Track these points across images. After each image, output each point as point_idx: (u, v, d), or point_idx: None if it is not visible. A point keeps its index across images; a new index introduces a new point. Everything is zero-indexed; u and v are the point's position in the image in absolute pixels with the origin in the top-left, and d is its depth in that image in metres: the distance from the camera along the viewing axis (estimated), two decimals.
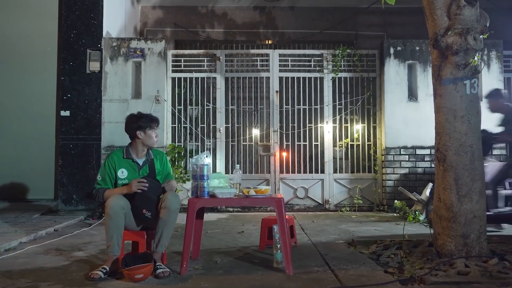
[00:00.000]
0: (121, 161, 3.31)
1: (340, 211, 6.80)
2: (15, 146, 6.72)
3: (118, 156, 3.33)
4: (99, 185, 3.28)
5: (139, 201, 3.15)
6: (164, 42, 6.94)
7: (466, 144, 3.26)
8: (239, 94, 7.37)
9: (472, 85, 3.29)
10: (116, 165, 3.28)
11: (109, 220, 3.03)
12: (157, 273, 3.00)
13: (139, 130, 3.29)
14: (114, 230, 3.04)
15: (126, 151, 3.34)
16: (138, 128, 3.29)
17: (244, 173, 6.81)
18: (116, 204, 3.04)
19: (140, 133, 3.30)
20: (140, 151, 3.35)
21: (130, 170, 3.30)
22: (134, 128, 3.30)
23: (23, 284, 2.85)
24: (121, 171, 3.28)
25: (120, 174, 3.28)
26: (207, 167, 3.18)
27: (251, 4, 8.68)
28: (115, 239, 3.05)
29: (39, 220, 5.46)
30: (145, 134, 3.31)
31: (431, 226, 3.58)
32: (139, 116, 3.35)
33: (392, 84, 6.90)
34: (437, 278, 2.79)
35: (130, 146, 3.37)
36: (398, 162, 6.83)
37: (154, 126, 3.35)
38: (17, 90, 6.83)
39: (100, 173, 3.30)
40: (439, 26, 3.34)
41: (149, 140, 3.33)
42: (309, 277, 2.98)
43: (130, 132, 3.34)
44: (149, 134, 3.32)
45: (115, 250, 3.05)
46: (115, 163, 3.29)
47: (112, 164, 3.29)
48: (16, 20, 6.89)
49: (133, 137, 3.34)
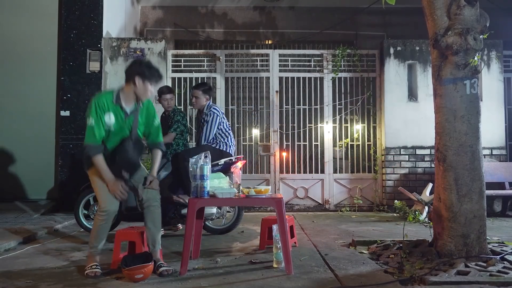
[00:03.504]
0: (111, 105, 3.11)
1: (340, 211, 6.80)
2: (15, 146, 6.72)
3: (108, 99, 3.12)
4: (92, 137, 3.05)
5: (121, 163, 3.12)
6: (164, 42, 6.94)
7: (466, 144, 3.26)
8: (239, 94, 7.37)
9: (472, 85, 3.29)
10: (105, 108, 3.09)
11: (105, 223, 3.13)
12: (160, 271, 3.01)
13: (140, 76, 3.10)
14: (105, 232, 3.16)
15: (117, 96, 3.14)
16: (139, 74, 3.11)
17: (244, 173, 6.80)
18: (113, 211, 3.13)
19: (139, 80, 3.11)
20: (130, 99, 3.16)
21: (117, 118, 3.12)
22: (136, 72, 3.12)
23: (23, 284, 2.85)
24: (108, 116, 3.09)
25: (107, 118, 3.09)
26: (207, 167, 3.18)
27: (251, 4, 8.68)
28: (104, 241, 3.19)
29: (39, 220, 5.46)
30: (143, 84, 3.12)
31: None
32: (147, 65, 3.17)
33: (392, 84, 6.90)
34: (437, 278, 2.79)
35: (121, 91, 3.17)
36: (398, 162, 6.83)
37: (154, 81, 3.18)
38: (17, 90, 6.82)
39: (92, 115, 3.05)
40: (439, 26, 3.34)
41: (143, 91, 3.14)
42: (309, 277, 2.98)
43: (129, 74, 3.14)
44: (146, 86, 3.13)
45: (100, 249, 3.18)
46: (104, 105, 3.09)
47: (102, 106, 3.08)
48: (16, 20, 6.89)
49: (129, 81, 3.14)
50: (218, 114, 4.68)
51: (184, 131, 4.85)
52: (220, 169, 4.39)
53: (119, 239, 3.31)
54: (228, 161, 4.56)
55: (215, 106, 4.77)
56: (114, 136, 3.16)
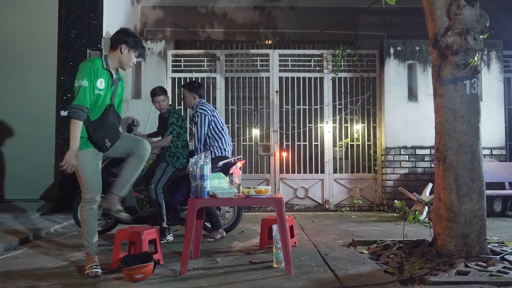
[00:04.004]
0: (102, 70, 3.12)
1: (340, 211, 6.80)
2: (15, 146, 6.71)
3: (98, 64, 3.11)
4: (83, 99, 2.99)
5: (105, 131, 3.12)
6: (164, 42, 6.94)
7: (466, 144, 3.26)
8: (239, 94, 7.37)
9: (472, 85, 3.29)
10: (98, 73, 3.08)
11: (92, 211, 3.15)
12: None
13: (126, 44, 3.15)
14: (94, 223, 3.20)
15: (106, 61, 3.16)
16: (125, 42, 3.15)
17: (244, 173, 6.80)
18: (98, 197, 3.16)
19: (125, 49, 3.16)
20: (114, 67, 3.20)
21: (106, 84, 3.12)
22: (122, 40, 3.16)
23: (23, 284, 2.85)
24: (100, 81, 3.08)
25: (99, 84, 3.08)
26: (207, 167, 3.18)
27: (251, 4, 8.68)
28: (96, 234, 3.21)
29: (39, 220, 5.46)
30: (128, 52, 3.17)
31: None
32: (133, 35, 3.22)
33: (392, 84, 6.90)
34: (437, 278, 2.79)
35: (108, 57, 3.20)
36: (398, 162, 6.83)
37: (138, 52, 3.24)
38: (17, 90, 6.82)
39: (86, 77, 3.01)
40: (439, 26, 3.34)
41: (127, 60, 3.19)
42: (309, 277, 2.98)
43: (115, 42, 3.18)
44: (130, 55, 3.19)
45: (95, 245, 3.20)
46: (98, 70, 3.08)
47: (96, 70, 3.06)
48: (16, 20, 6.88)
49: (115, 49, 3.18)
50: (206, 114, 4.51)
51: (180, 132, 4.66)
52: (219, 171, 4.38)
53: (119, 239, 3.31)
54: (227, 163, 4.54)
55: (202, 106, 4.57)
56: (98, 106, 3.12)
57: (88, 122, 3.06)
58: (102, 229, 4.74)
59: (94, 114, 3.10)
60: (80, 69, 3.06)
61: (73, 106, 2.98)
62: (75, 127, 2.98)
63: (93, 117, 3.10)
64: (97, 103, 3.10)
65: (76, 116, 2.97)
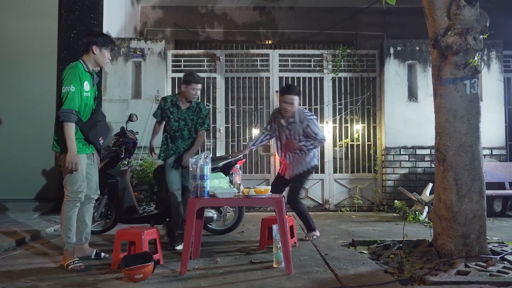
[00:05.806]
0: (85, 73, 3.34)
1: (340, 211, 6.80)
2: (15, 146, 6.71)
3: (81, 68, 3.33)
4: (72, 103, 3.21)
5: (99, 130, 3.37)
6: (164, 42, 6.94)
7: (466, 144, 3.26)
8: (239, 94, 7.37)
9: (472, 85, 3.29)
10: (82, 77, 3.30)
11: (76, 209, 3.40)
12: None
13: (96, 45, 3.34)
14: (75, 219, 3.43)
15: (85, 64, 3.37)
16: (95, 43, 3.34)
17: (244, 173, 6.80)
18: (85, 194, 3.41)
19: (97, 49, 3.35)
20: (91, 67, 3.41)
21: (90, 85, 3.37)
22: (91, 42, 3.35)
23: (23, 284, 2.85)
24: (86, 84, 3.32)
25: (85, 86, 3.31)
26: (207, 167, 3.18)
27: (251, 4, 8.68)
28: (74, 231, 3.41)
29: (39, 220, 5.46)
30: (100, 52, 3.38)
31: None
32: (100, 34, 3.44)
33: (392, 84, 6.90)
34: (437, 278, 2.79)
35: (85, 61, 3.39)
36: (398, 162, 6.83)
37: (109, 47, 3.43)
38: (17, 90, 6.81)
39: (73, 83, 3.23)
40: (439, 26, 3.34)
41: (101, 58, 3.40)
42: (309, 277, 2.98)
43: (85, 45, 3.38)
44: (103, 53, 3.40)
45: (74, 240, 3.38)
46: (82, 74, 3.31)
47: (80, 75, 3.29)
48: (16, 20, 6.88)
49: (88, 52, 3.37)
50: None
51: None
52: (219, 171, 4.36)
53: (119, 239, 3.31)
54: (227, 163, 4.53)
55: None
56: (88, 107, 3.34)
57: (81, 123, 3.29)
58: (102, 229, 4.75)
59: (85, 115, 3.32)
60: (66, 75, 3.27)
61: (63, 111, 3.20)
62: (68, 129, 3.20)
63: (85, 118, 3.32)
64: (86, 105, 3.32)
65: (67, 119, 3.19)
